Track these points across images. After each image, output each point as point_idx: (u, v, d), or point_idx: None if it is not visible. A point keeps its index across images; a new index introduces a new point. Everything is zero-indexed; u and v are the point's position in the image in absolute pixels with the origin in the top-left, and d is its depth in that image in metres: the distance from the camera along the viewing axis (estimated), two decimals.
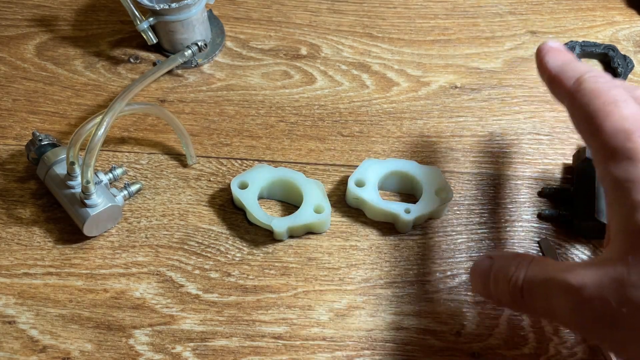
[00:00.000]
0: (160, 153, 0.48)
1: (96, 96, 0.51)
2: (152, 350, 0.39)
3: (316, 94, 0.52)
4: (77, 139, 0.41)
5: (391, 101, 0.51)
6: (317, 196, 0.44)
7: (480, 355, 0.40)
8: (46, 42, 0.55)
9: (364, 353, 0.40)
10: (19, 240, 0.44)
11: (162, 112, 0.45)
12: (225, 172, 0.47)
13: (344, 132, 0.49)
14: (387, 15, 0.57)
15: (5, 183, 0.46)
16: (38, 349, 0.39)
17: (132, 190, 0.45)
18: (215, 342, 0.40)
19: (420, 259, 0.43)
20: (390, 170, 0.45)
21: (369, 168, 0.45)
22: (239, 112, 0.50)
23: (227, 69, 0.53)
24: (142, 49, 0.54)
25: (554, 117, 0.51)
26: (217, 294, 0.42)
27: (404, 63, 0.54)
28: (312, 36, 0.55)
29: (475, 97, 0.52)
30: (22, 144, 0.48)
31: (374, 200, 0.43)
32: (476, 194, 0.46)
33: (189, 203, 0.46)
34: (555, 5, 0.58)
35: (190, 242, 0.44)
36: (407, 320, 0.41)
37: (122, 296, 0.42)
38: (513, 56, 0.54)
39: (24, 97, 0.51)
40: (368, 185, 0.44)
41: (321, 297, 0.42)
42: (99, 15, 0.57)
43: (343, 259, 0.43)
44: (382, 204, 0.43)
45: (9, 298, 0.41)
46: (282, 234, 0.43)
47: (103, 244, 0.44)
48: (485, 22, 0.57)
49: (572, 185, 0.45)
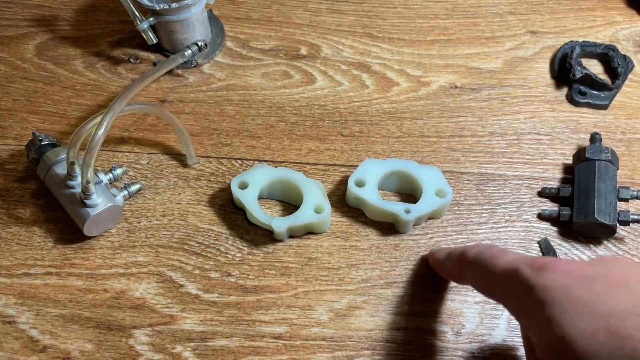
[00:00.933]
0: (160, 153, 0.48)
1: (96, 96, 0.51)
2: (152, 350, 0.39)
3: (316, 94, 0.52)
4: (77, 139, 0.41)
5: (391, 101, 0.51)
6: (317, 196, 0.44)
7: (480, 355, 0.40)
8: (46, 42, 0.55)
9: (364, 353, 0.40)
10: (19, 240, 0.44)
11: (162, 112, 0.45)
12: (225, 172, 0.47)
13: (344, 132, 0.49)
14: (387, 15, 0.57)
15: (5, 183, 0.46)
16: (38, 349, 0.39)
17: (132, 190, 0.45)
18: (215, 342, 0.40)
19: (420, 259, 0.43)
20: (390, 170, 0.45)
21: (369, 168, 0.45)
22: (239, 112, 0.50)
23: (227, 69, 0.53)
24: (142, 49, 0.54)
25: (554, 117, 0.51)
26: (217, 294, 0.42)
27: (404, 63, 0.54)
28: (312, 36, 0.55)
29: (475, 97, 0.52)
30: (22, 144, 0.48)
31: (374, 200, 0.43)
32: (476, 194, 0.46)
33: (189, 203, 0.46)
34: (555, 5, 0.58)
35: (190, 242, 0.44)
36: (407, 320, 0.41)
37: (122, 296, 0.42)
38: (513, 56, 0.54)
39: (24, 97, 0.51)
40: (368, 185, 0.44)
41: (321, 297, 0.42)
42: (99, 15, 0.57)
43: (343, 259, 0.43)
44: (382, 204, 0.43)
45: (9, 298, 0.41)
46: (282, 234, 0.43)
47: (103, 244, 0.44)
48: (485, 22, 0.57)
49: (572, 185, 0.45)
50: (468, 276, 0.36)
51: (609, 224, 0.42)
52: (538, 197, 0.46)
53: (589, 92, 0.51)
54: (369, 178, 0.44)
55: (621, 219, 0.43)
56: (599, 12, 0.57)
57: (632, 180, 0.47)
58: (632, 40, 0.55)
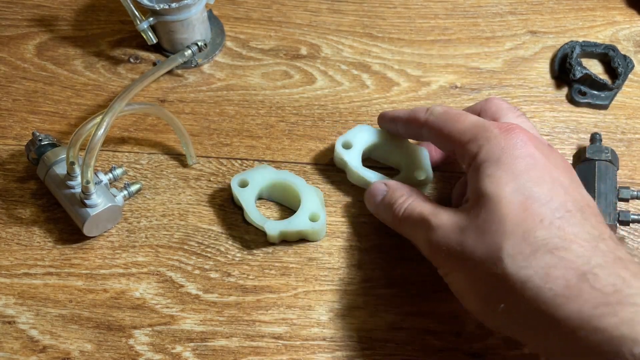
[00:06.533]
0: (160, 153, 0.48)
1: (96, 96, 0.51)
2: (152, 351, 0.39)
3: (316, 94, 0.52)
4: (77, 139, 0.41)
5: (391, 101, 0.51)
6: (314, 204, 0.43)
7: (480, 355, 0.40)
8: (46, 42, 0.55)
9: (364, 353, 0.40)
10: (19, 240, 0.44)
11: (162, 112, 0.45)
12: (225, 172, 0.47)
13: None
14: (387, 15, 0.57)
15: (5, 183, 0.46)
16: (38, 349, 0.39)
17: (132, 190, 0.45)
18: (215, 342, 0.40)
19: (420, 259, 0.43)
20: (379, 139, 0.46)
21: (359, 133, 0.46)
22: (239, 112, 0.50)
23: (227, 69, 0.53)
24: (142, 49, 0.54)
25: (554, 117, 0.51)
26: (217, 294, 0.42)
27: (404, 63, 0.54)
28: (312, 36, 0.55)
29: (475, 97, 0.52)
30: (22, 144, 0.48)
31: (354, 165, 0.44)
32: None
33: (189, 203, 0.46)
34: (556, 5, 0.58)
35: (190, 242, 0.44)
36: (407, 320, 0.41)
37: (122, 296, 0.42)
38: (513, 56, 0.54)
39: (24, 97, 0.51)
40: (354, 149, 0.45)
41: (321, 297, 0.42)
42: (99, 15, 0.57)
43: (343, 259, 0.43)
44: (360, 169, 0.44)
45: (9, 298, 0.41)
46: (274, 237, 0.43)
47: (103, 244, 0.44)
48: (485, 22, 0.57)
49: None
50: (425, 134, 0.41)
51: (609, 224, 0.42)
52: None
53: (589, 92, 0.51)
54: (356, 142, 0.45)
55: (621, 219, 0.43)
56: (599, 12, 0.57)
57: (632, 180, 0.47)
58: (632, 40, 0.55)
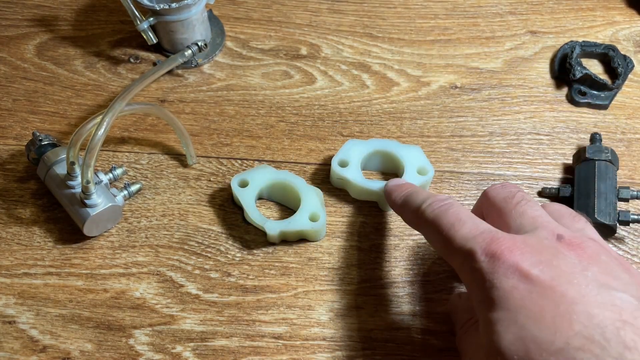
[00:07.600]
0: (160, 153, 0.48)
1: (96, 96, 0.51)
2: (152, 350, 0.39)
3: (316, 94, 0.52)
4: (77, 139, 0.41)
5: (391, 101, 0.51)
6: (314, 204, 0.43)
7: None
8: (46, 42, 0.55)
9: (364, 353, 0.40)
10: (19, 240, 0.44)
11: (162, 112, 0.45)
12: (225, 172, 0.47)
13: (344, 132, 0.49)
14: (387, 15, 0.57)
15: (5, 183, 0.46)
16: (38, 349, 0.39)
17: (132, 190, 0.45)
18: (215, 342, 0.40)
19: (420, 259, 0.44)
20: (372, 149, 0.46)
21: (352, 148, 0.46)
22: (239, 112, 0.50)
23: (227, 69, 0.53)
24: (142, 49, 0.54)
25: (554, 117, 0.51)
26: (217, 294, 0.42)
27: (404, 63, 0.54)
28: (312, 36, 0.55)
29: (475, 97, 0.52)
30: (22, 144, 0.48)
31: (357, 180, 0.44)
32: (476, 194, 0.46)
33: (189, 203, 0.46)
34: (555, 5, 0.58)
35: (190, 242, 0.44)
36: (407, 320, 0.41)
37: (122, 296, 0.42)
38: (513, 56, 0.54)
39: (24, 97, 0.51)
40: (351, 165, 0.45)
41: (321, 297, 0.42)
42: (99, 15, 0.57)
43: (343, 259, 0.43)
44: (365, 182, 0.44)
45: (9, 298, 0.41)
46: (274, 237, 0.43)
47: (103, 244, 0.44)
48: (485, 22, 0.57)
49: (572, 185, 0.45)
50: (425, 234, 0.37)
51: (609, 224, 0.42)
52: (538, 197, 0.46)
53: (589, 92, 0.51)
54: (352, 158, 0.45)
55: (621, 219, 0.43)
56: (599, 12, 0.57)
57: (632, 180, 0.47)
58: (632, 40, 0.55)
